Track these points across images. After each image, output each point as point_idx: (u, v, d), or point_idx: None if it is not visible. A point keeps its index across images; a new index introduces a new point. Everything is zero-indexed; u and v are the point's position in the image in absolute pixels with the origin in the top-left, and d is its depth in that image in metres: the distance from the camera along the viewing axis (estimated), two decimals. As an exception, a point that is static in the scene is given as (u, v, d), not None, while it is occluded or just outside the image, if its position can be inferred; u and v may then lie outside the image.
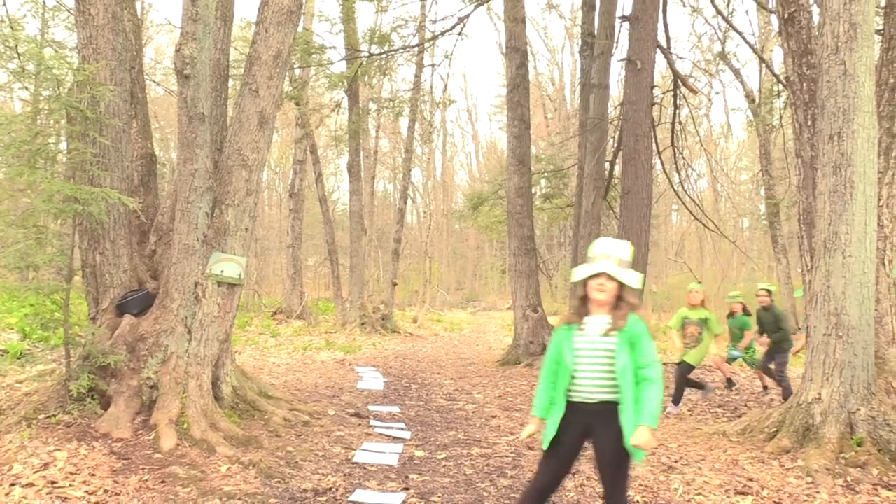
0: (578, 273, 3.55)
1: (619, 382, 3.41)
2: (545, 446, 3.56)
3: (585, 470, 5.77)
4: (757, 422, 6.75)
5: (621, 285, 3.48)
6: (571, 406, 3.52)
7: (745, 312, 9.68)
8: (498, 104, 43.29)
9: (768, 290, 9.22)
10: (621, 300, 3.50)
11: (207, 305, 6.36)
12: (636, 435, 3.30)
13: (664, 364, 8.65)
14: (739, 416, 7.75)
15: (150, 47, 29.09)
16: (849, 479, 5.36)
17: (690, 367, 8.47)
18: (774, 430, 6.43)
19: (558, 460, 3.57)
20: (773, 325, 9.06)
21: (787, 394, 8.60)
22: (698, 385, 8.75)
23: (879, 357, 6.48)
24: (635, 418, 3.34)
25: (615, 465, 3.45)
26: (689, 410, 8.51)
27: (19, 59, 6.99)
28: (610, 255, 3.50)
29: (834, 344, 6.07)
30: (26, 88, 8.06)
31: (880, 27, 7.36)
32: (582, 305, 3.59)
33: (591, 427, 3.49)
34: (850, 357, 6.01)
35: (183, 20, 6.20)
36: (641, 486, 5.38)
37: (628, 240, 11.19)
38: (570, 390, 3.52)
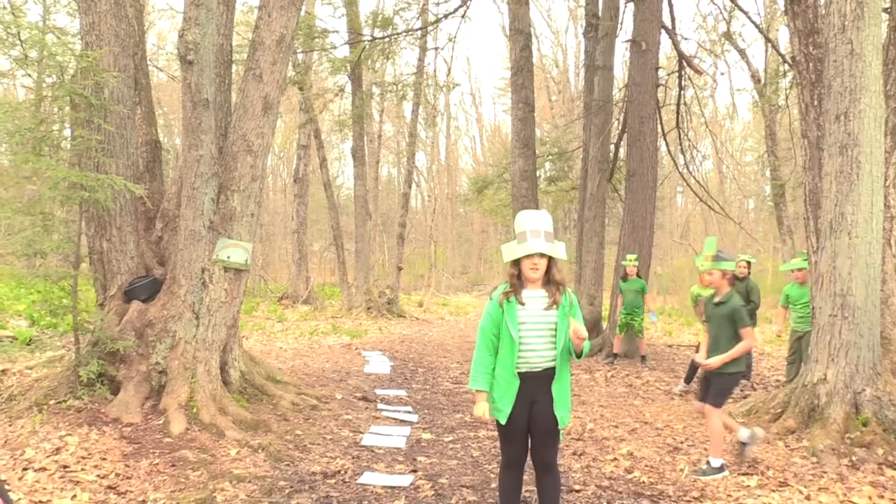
0: (510, 253, 3.66)
1: (558, 351, 3.63)
2: (503, 421, 3.70)
3: (591, 451, 5.80)
4: (762, 402, 6.77)
5: (550, 259, 3.64)
6: (520, 377, 3.66)
7: (639, 276, 10.47)
8: (502, 87, 43.08)
9: (748, 262, 9.11)
10: (551, 273, 3.67)
11: (214, 291, 6.39)
12: (574, 325, 3.52)
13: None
14: (745, 397, 7.78)
15: (153, 33, 28.99)
16: (854, 458, 5.38)
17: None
18: (780, 410, 6.45)
19: (520, 430, 3.72)
20: (744, 297, 8.75)
21: (747, 371, 8.51)
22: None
23: (885, 338, 6.49)
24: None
25: (552, 430, 3.68)
26: (686, 392, 8.54)
27: (22, 46, 6.99)
28: (539, 230, 3.61)
29: (840, 325, 6.07)
30: (29, 75, 8.09)
31: (888, 5, 7.29)
32: (518, 280, 3.70)
33: (536, 393, 3.67)
34: (855, 338, 6.01)
35: (185, 5, 6.19)
36: (647, 466, 5.42)
37: (633, 222, 11.26)
38: (517, 362, 3.65)
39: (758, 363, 10.73)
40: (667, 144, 14.75)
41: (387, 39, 14.80)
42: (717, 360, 5.19)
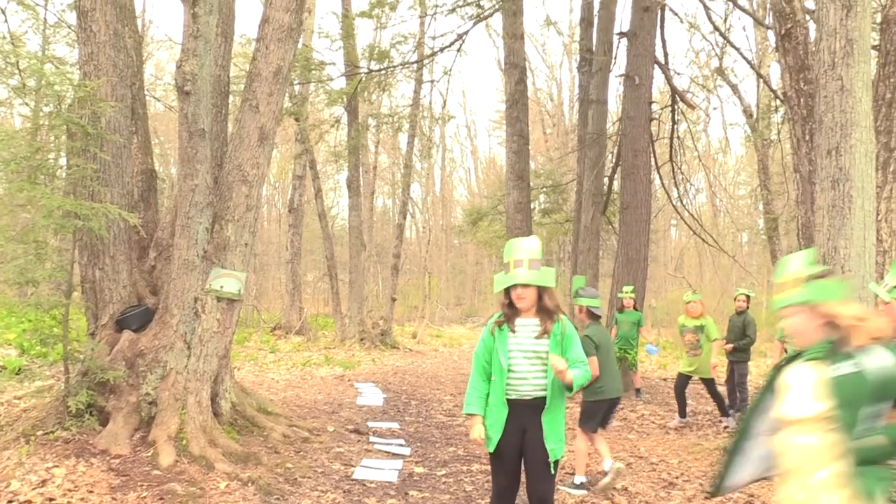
0: (499, 283, 3.68)
1: (549, 381, 3.60)
2: (491, 449, 3.69)
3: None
4: (758, 437, 6.72)
5: (540, 287, 3.63)
6: (509, 404, 3.65)
7: (636, 308, 10.35)
8: (497, 119, 43.45)
9: (747, 296, 9.05)
10: (542, 301, 3.65)
11: (207, 321, 6.35)
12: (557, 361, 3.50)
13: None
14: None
15: (151, 63, 29.23)
16: (851, 494, 5.34)
17: (687, 378, 8.48)
18: (775, 445, 6.40)
19: (509, 459, 3.69)
20: (740, 331, 8.78)
21: (741, 405, 8.41)
22: (682, 406, 8.62)
23: (880, 372, 6.47)
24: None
25: (544, 461, 3.63)
26: (682, 426, 8.48)
27: (20, 74, 7.03)
28: (521, 259, 3.60)
29: (834, 359, 6.06)
30: (27, 104, 8.12)
31: (876, 43, 7.42)
32: (510, 309, 3.70)
33: (526, 422, 3.64)
34: (850, 372, 5.99)
35: (184, 37, 6.24)
36: (643, 501, 5.35)
37: (627, 254, 11.28)
38: (506, 390, 3.64)
39: (753, 397, 10.68)
40: (660, 177, 14.86)
41: (383, 72, 14.95)
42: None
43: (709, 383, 8.44)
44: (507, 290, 3.67)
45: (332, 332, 20.00)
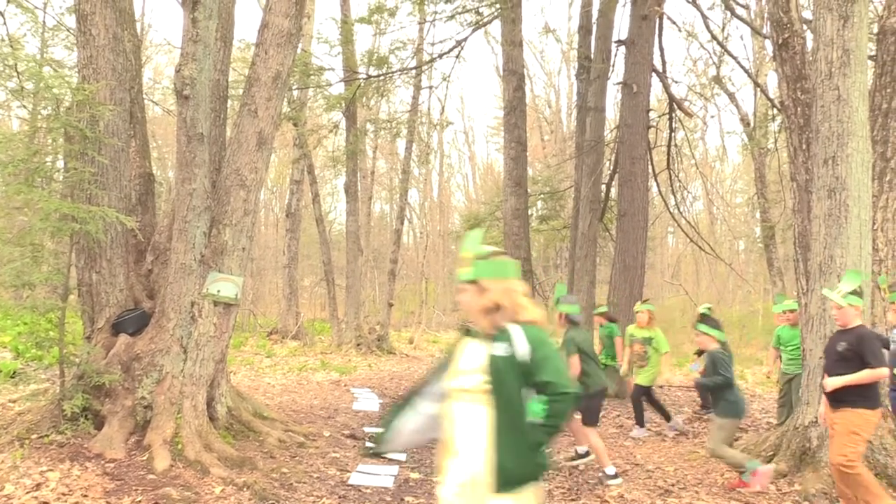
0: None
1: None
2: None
3: (582, 492, 5.73)
4: (754, 445, 6.72)
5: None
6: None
7: (611, 320, 9.65)
8: (495, 126, 43.51)
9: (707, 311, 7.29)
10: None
11: (203, 325, 6.34)
12: None
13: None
14: (736, 440, 7.72)
15: (149, 67, 29.24)
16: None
17: (643, 389, 8.44)
18: (771, 453, 6.40)
19: None
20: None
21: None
22: (663, 412, 8.64)
23: (875, 381, 6.47)
24: None
25: None
26: (675, 434, 8.47)
27: (19, 77, 7.04)
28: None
29: (830, 367, 6.06)
30: (25, 107, 8.12)
31: (873, 53, 7.45)
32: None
33: None
34: (846, 380, 6.00)
35: (183, 41, 6.25)
36: (638, 509, 5.35)
37: (624, 261, 11.28)
38: None
39: (748, 405, 10.68)
40: (658, 185, 14.89)
41: (382, 78, 14.96)
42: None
43: (639, 391, 8.43)
44: None
45: (329, 337, 19.97)
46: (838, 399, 4.90)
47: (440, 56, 14.53)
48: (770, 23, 7.73)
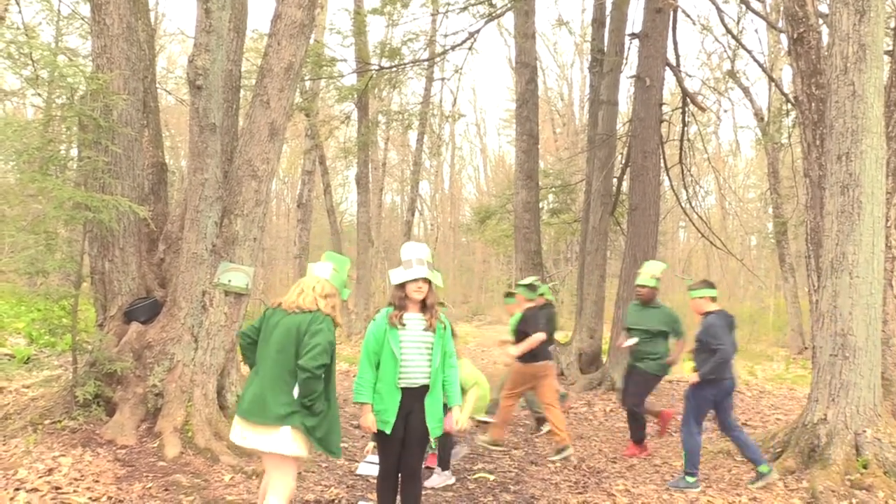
0: (398, 276, 4.18)
1: (433, 369, 4.19)
2: (388, 430, 4.12)
3: (589, 486, 5.75)
4: (762, 441, 6.71)
5: (429, 285, 4.18)
6: (401, 391, 4.14)
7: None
8: (507, 118, 43.39)
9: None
10: (428, 298, 4.20)
11: (214, 314, 6.38)
12: (453, 418, 4.34)
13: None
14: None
15: (163, 56, 29.31)
16: (854, 501, 5.33)
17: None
18: (780, 450, 6.40)
19: (397, 440, 4.17)
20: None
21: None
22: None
23: (886, 379, 6.45)
24: (449, 399, 4.30)
25: (422, 439, 4.21)
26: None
27: (34, 65, 7.07)
28: (423, 258, 4.19)
29: (840, 364, 6.05)
30: (39, 95, 8.14)
31: (889, 48, 7.38)
32: (401, 303, 4.21)
33: (412, 406, 4.17)
34: (856, 378, 5.99)
35: (196, 31, 6.27)
36: (645, 503, 5.36)
37: (634, 256, 11.25)
38: (398, 378, 4.13)
39: (758, 401, 10.65)
40: (670, 179, 14.81)
41: (394, 69, 14.94)
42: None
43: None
44: (402, 285, 4.17)
45: (339, 328, 20.04)
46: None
47: (453, 48, 14.48)
48: (785, 17, 7.67)
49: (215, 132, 6.34)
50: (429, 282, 4.17)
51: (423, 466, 4.87)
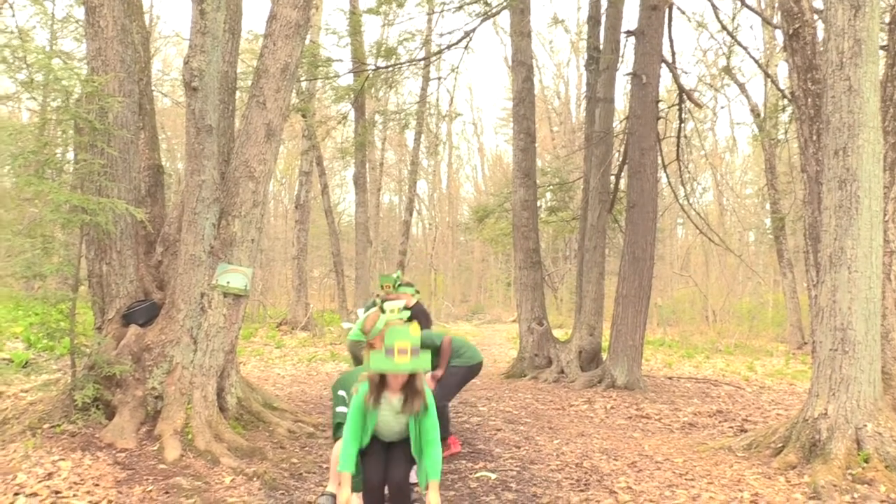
0: (379, 364, 3.95)
1: (412, 433, 4.16)
2: (361, 488, 4.24)
3: (591, 483, 5.74)
4: (763, 437, 6.71)
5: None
6: (373, 441, 4.22)
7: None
8: (503, 117, 43.40)
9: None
10: (413, 381, 4.06)
11: (213, 316, 6.37)
12: (430, 495, 3.97)
13: None
14: (745, 431, 7.71)
15: (158, 58, 29.26)
16: (856, 495, 5.32)
17: None
18: (781, 445, 6.39)
19: (379, 489, 4.23)
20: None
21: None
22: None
23: (886, 373, 6.45)
24: (428, 472, 4.04)
25: (404, 487, 4.22)
26: (690, 424, 8.47)
27: (28, 69, 7.07)
28: (405, 348, 3.93)
29: (840, 359, 6.05)
30: (35, 99, 8.14)
31: (885, 43, 7.38)
32: (381, 382, 4.10)
33: (391, 454, 4.25)
34: (856, 372, 5.98)
35: (192, 33, 6.25)
36: (647, 500, 5.35)
37: (633, 253, 11.26)
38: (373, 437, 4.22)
39: (758, 396, 10.66)
40: (667, 176, 14.82)
41: (390, 69, 14.94)
42: None
43: None
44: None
45: (338, 328, 20.04)
46: None
47: (449, 47, 14.49)
48: (781, 13, 7.66)
49: (212, 134, 6.33)
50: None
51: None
